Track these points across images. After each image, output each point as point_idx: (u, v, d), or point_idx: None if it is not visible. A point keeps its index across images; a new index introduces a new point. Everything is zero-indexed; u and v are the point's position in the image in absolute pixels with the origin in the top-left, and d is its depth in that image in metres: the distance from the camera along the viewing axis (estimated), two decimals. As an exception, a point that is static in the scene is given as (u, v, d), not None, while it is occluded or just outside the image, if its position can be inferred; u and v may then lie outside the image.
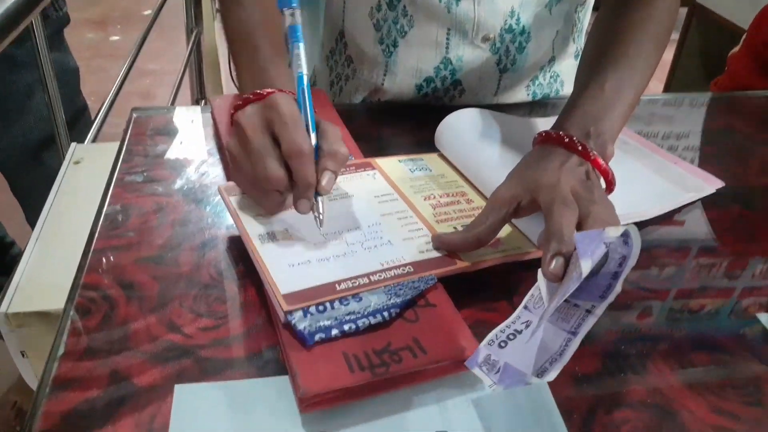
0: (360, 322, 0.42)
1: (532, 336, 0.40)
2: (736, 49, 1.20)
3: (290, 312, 0.42)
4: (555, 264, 0.41)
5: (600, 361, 0.45)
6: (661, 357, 0.45)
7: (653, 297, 0.51)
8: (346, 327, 0.41)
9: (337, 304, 0.43)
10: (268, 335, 0.44)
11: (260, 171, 0.45)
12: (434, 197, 0.56)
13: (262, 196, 0.48)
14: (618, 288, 0.39)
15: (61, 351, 0.41)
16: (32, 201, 1.22)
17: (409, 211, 0.53)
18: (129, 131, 0.65)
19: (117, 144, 0.64)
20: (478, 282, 0.49)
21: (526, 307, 0.43)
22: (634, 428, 0.40)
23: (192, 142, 0.64)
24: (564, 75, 0.78)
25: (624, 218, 0.47)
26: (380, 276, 0.46)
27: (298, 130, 0.46)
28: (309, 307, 0.42)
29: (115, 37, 3.29)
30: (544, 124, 0.67)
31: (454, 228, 0.52)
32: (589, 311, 0.40)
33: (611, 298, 0.39)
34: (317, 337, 0.40)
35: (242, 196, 0.51)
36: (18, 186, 1.26)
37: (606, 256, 0.39)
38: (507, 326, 0.41)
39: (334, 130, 0.49)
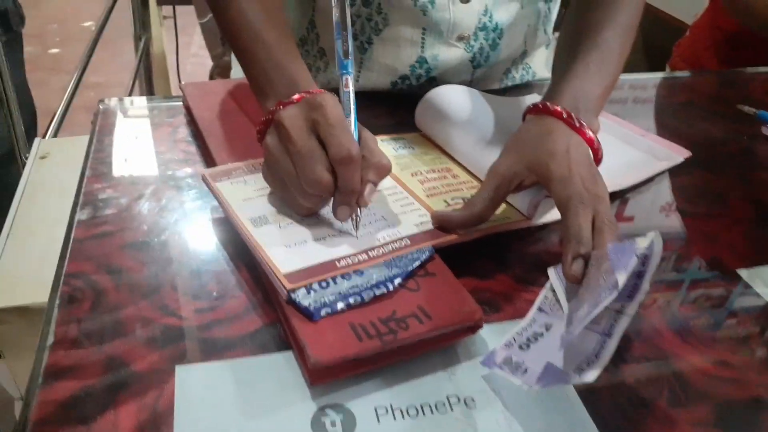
0: (364, 294, 0.41)
1: (559, 338, 0.39)
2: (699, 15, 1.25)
3: (293, 290, 0.41)
4: (576, 266, 0.42)
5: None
6: (654, 313, 0.46)
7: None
8: (351, 300, 0.41)
9: (339, 279, 0.42)
10: (266, 313, 0.43)
11: (308, 174, 0.44)
12: (421, 173, 0.56)
13: (300, 199, 0.46)
14: (646, 286, 0.39)
15: (50, 340, 0.39)
16: None
17: (398, 187, 0.53)
18: (97, 123, 0.62)
19: (81, 138, 0.62)
20: (471, 253, 0.49)
21: (540, 309, 0.43)
22: (636, 383, 0.41)
23: (165, 130, 0.62)
24: (535, 65, 0.79)
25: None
26: (379, 251, 0.45)
27: (346, 134, 0.44)
28: (312, 284, 0.41)
29: (55, 50, 3.18)
30: (524, 101, 0.68)
31: (445, 201, 0.52)
32: (619, 312, 0.40)
33: (640, 297, 0.39)
34: (323, 312, 0.40)
35: (227, 181, 0.50)
36: None
37: None
38: (524, 329, 0.41)
39: (373, 138, 0.47)
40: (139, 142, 0.60)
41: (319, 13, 0.70)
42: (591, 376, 0.36)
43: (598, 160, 0.52)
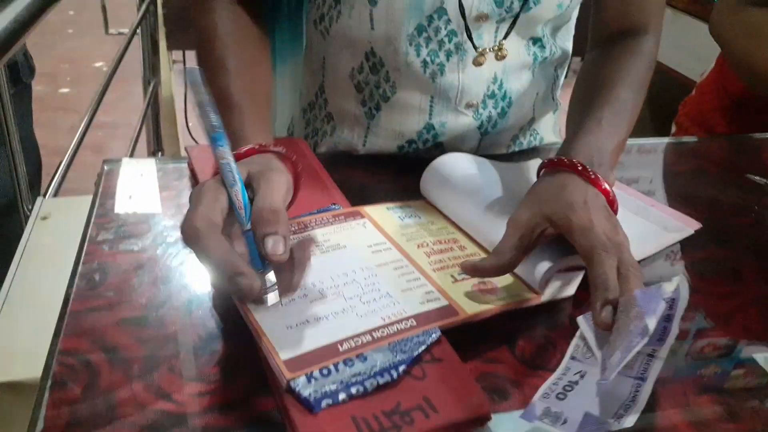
0: (367, 383, 0.40)
1: (594, 385, 0.40)
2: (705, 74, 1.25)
3: (293, 379, 0.39)
4: (605, 312, 0.43)
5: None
6: (664, 399, 0.45)
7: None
8: (353, 390, 0.39)
9: (341, 366, 0.41)
10: (266, 399, 0.41)
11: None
12: (427, 245, 0.54)
13: None
14: (675, 329, 0.41)
15: (40, 426, 0.38)
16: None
17: (405, 260, 0.52)
18: (101, 185, 0.62)
19: (85, 198, 0.61)
20: (478, 332, 0.48)
21: (573, 358, 0.43)
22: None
23: (170, 194, 0.62)
24: (543, 131, 0.79)
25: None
26: (383, 332, 0.44)
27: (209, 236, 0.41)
28: (312, 371, 0.40)
29: (65, 90, 3.23)
30: (531, 166, 0.68)
31: (452, 276, 0.51)
32: (651, 355, 0.41)
33: (671, 339, 0.41)
34: (324, 403, 0.38)
35: None
36: None
37: None
38: (559, 378, 0.42)
39: (273, 185, 0.44)
40: (141, 207, 0.59)
41: (328, 79, 0.70)
42: (629, 420, 0.37)
43: (614, 210, 0.52)
